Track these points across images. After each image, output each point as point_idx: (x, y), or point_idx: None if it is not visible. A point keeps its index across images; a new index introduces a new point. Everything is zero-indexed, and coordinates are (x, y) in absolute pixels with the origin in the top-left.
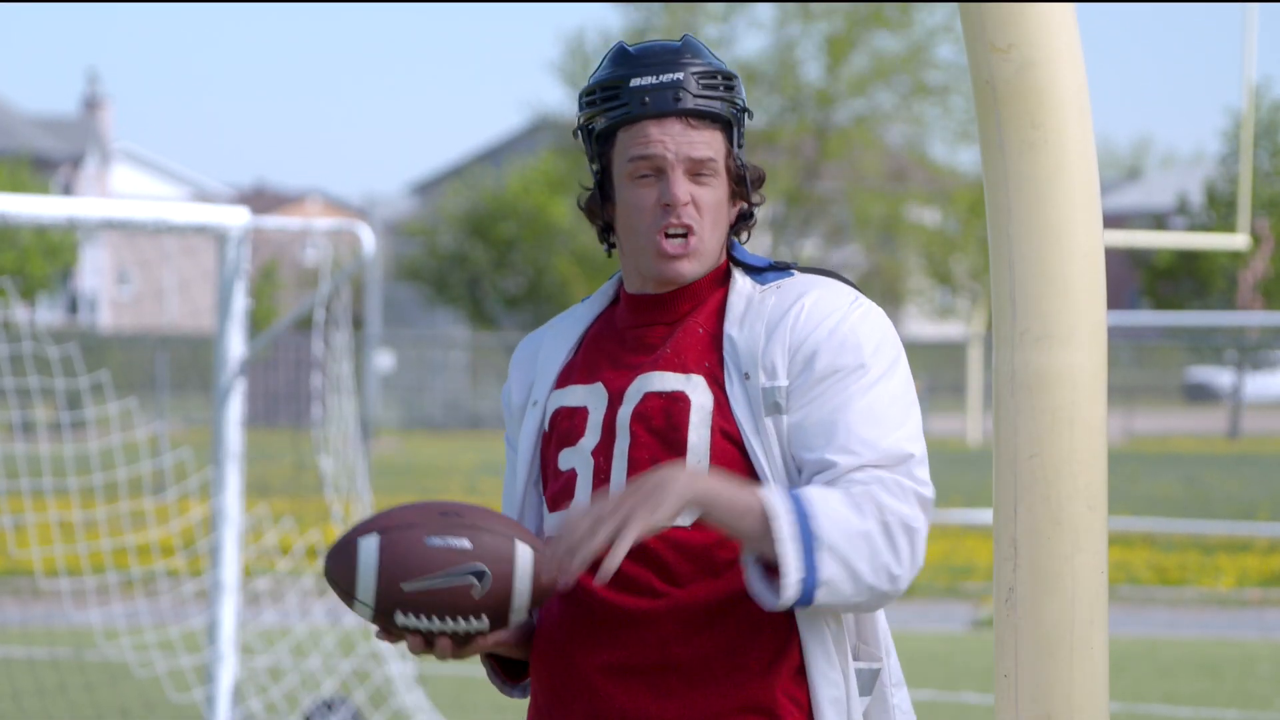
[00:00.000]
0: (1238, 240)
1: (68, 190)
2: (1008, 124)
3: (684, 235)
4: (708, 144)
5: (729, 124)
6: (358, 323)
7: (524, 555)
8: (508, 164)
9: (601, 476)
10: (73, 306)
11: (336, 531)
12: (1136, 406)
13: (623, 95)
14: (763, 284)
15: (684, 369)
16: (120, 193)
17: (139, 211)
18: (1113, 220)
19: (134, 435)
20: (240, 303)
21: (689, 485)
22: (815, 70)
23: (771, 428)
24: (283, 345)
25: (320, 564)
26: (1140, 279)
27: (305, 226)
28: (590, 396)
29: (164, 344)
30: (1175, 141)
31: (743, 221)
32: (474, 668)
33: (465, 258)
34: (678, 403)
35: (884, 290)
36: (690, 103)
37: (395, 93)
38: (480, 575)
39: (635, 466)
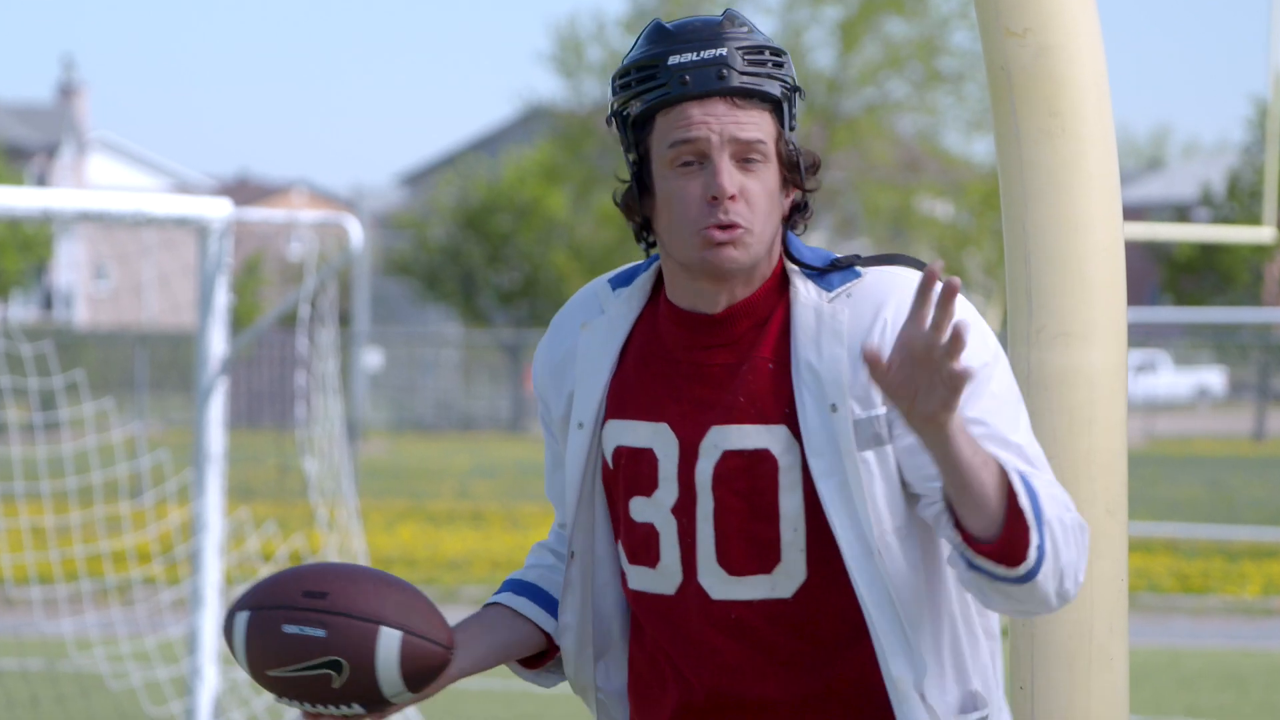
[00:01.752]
0: (1263, 233)
1: (42, 181)
2: (1024, 112)
3: (733, 227)
4: (756, 125)
5: (779, 104)
6: (344, 319)
7: (388, 642)
8: (502, 154)
9: (688, 540)
10: (47, 302)
11: (321, 537)
12: (1158, 406)
13: (660, 75)
14: (829, 290)
15: (763, 418)
16: (97, 184)
17: (117, 203)
18: (1132, 212)
19: (110, 437)
20: (222, 298)
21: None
22: (825, 57)
23: (874, 462)
24: (266, 343)
25: None
26: (1161, 274)
27: (290, 219)
28: (656, 439)
29: (142, 341)
30: (1197, 130)
31: (798, 214)
32: (466, 680)
33: (457, 252)
34: (762, 463)
35: None
36: (735, 80)
37: (384, 79)
38: (337, 666)
39: (725, 533)
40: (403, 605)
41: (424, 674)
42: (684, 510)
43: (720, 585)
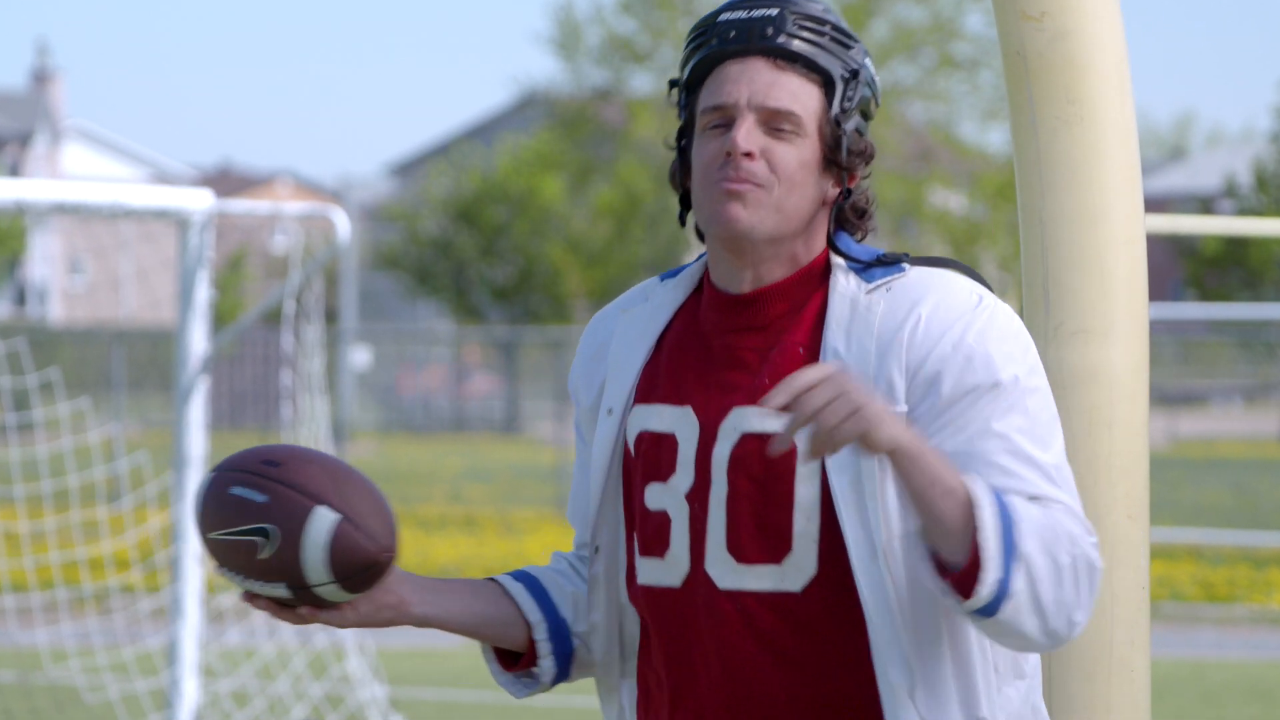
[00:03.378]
0: None
1: (15, 171)
2: (1041, 100)
3: (741, 182)
4: (793, 94)
5: (830, 78)
6: (331, 316)
7: (320, 522)
8: (497, 142)
9: (698, 526)
10: (20, 298)
11: None
12: (1181, 407)
13: (709, 32)
14: (869, 283)
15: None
16: (73, 174)
17: (93, 194)
18: (1154, 204)
19: (87, 438)
20: (203, 294)
21: (901, 431)
22: None
23: (888, 461)
24: (249, 340)
25: None
26: (1185, 268)
27: (274, 211)
28: (679, 422)
29: (120, 339)
30: (1222, 118)
31: (858, 216)
32: (457, 692)
33: (449, 245)
34: None
35: None
36: (779, 40)
37: (373, 64)
38: (265, 534)
39: (736, 518)
40: (352, 495)
41: (352, 567)
42: (697, 495)
43: (728, 574)
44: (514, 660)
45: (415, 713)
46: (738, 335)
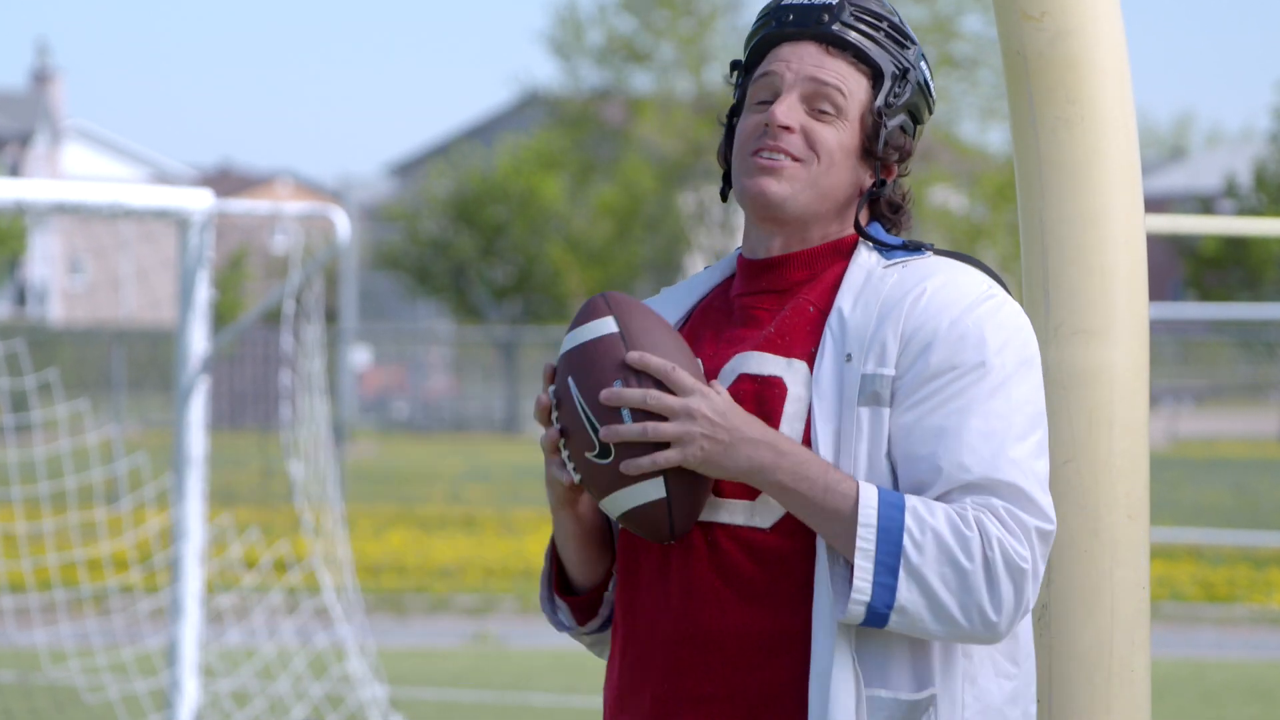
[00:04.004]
0: None
1: (15, 171)
2: (1041, 99)
3: (781, 158)
4: (839, 76)
5: (879, 72)
6: (331, 316)
7: (650, 489)
8: (497, 142)
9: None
10: (20, 298)
11: (307, 543)
12: (1181, 407)
13: (770, 15)
14: (888, 260)
15: (787, 351)
16: (73, 174)
17: (93, 194)
18: (1154, 204)
19: (86, 439)
20: (203, 294)
21: (762, 456)
22: None
23: (866, 420)
24: (249, 340)
25: (288, 579)
26: (1185, 268)
27: (274, 211)
28: None
29: (120, 339)
30: (1222, 118)
31: (893, 211)
32: (457, 692)
33: (449, 245)
34: (772, 389)
35: None
36: (833, 27)
37: (373, 63)
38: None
39: None
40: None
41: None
42: None
43: (706, 508)
44: (586, 606)
45: (415, 713)
46: (757, 297)
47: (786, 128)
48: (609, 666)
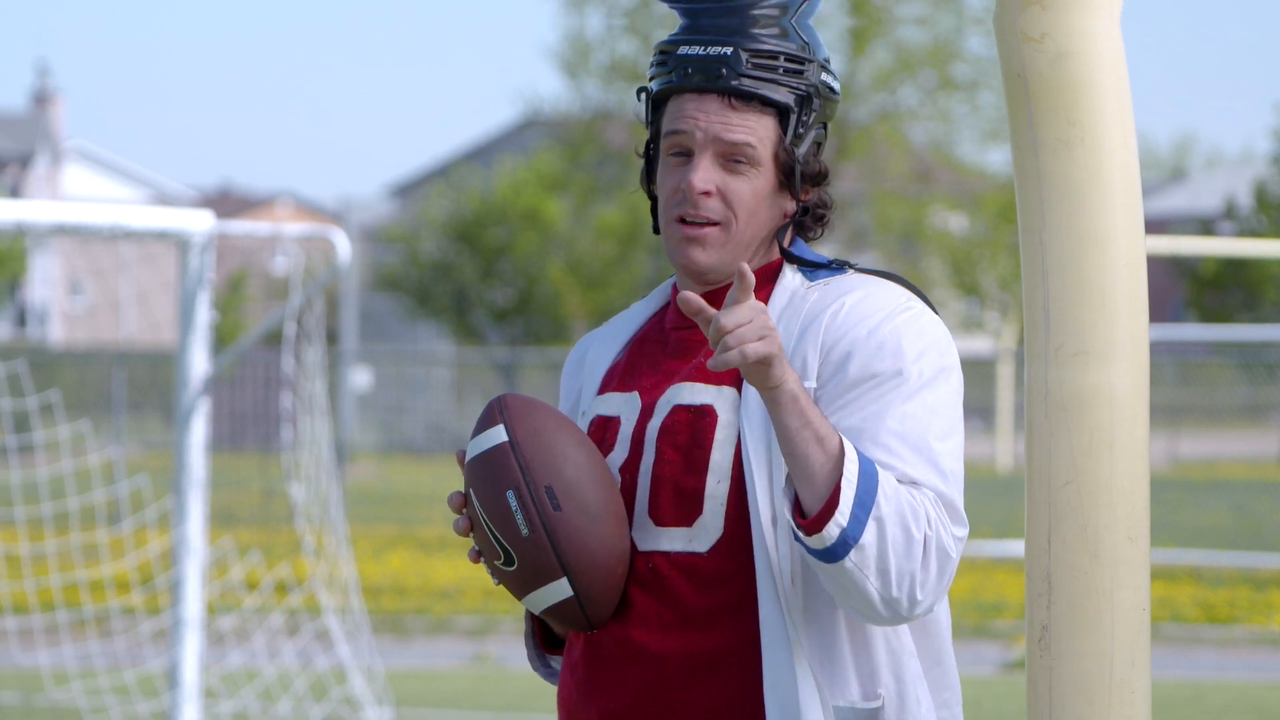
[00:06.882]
0: None
1: (15, 193)
2: (1041, 121)
3: (703, 225)
4: (749, 129)
5: (785, 111)
6: (332, 337)
7: (556, 591)
8: (497, 163)
9: (628, 495)
10: (21, 320)
11: (308, 565)
12: (1182, 429)
13: (670, 62)
14: (811, 280)
15: (717, 379)
16: (73, 195)
17: (93, 216)
18: (1154, 225)
19: (87, 460)
20: (204, 315)
21: (792, 376)
22: (834, 63)
23: None
24: (250, 362)
25: (289, 601)
26: (1185, 289)
27: (275, 232)
28: (625, 406)
29: (120, 360)
30: (1222, 140)
31: (815, 222)
32: (456, 713)
33: (450, 266)
34: (704, 418)
35: None
36: (733, 81)
37: (373, 85)
38: (511, 559)
39: (658, 484)
40: (596, 578)
41: (555, 619)
42: (629, 467)
43: (646, 537)
44: (554, 648)
45: None
46: (689, 331)
47: (705, 193)
48: (562, 677)
